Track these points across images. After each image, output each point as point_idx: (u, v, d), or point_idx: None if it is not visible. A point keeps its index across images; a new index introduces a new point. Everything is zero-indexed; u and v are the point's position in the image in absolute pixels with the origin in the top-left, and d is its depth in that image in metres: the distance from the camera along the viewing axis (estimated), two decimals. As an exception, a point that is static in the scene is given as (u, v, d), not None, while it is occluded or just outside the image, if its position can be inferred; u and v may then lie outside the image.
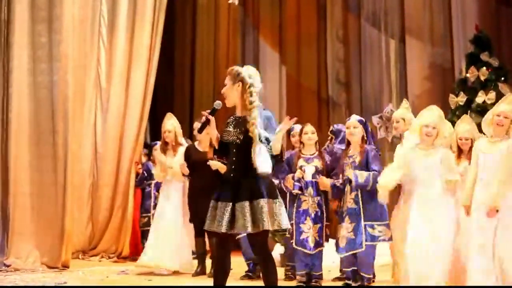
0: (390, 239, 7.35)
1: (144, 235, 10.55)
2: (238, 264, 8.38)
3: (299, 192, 7.68)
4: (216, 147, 5.34)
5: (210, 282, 8.12)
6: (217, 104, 5.25)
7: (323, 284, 7.89)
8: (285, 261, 8.89)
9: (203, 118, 5.22)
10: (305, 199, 7.71)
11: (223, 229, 5.03)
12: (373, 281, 7.79)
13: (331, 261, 9.09)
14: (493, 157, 6.55)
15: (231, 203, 5.07)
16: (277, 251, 9.99)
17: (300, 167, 7.75)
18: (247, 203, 5.02)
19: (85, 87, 10.45)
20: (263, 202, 5.01)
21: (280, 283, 8.19)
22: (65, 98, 9.16)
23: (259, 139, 5.07)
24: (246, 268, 8.56)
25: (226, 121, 5.32)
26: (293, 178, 7.70)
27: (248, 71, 5.26)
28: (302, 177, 7.71)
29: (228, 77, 5.26)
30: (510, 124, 6.62)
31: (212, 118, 5.19)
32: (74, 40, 9.70)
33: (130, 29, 10.68)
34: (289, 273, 8.38)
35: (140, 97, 10.54)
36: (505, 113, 6.60)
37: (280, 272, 8.80)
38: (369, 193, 7.34)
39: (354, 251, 7.40)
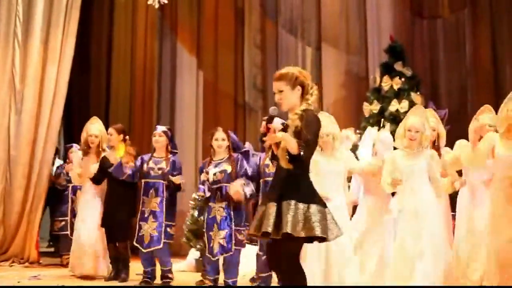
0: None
1: (59, 239, 10.39)
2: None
3: (204, 194, 7.72)
4: None
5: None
6: (273, 110, 5.00)
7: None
8: (200, 266, 8.92)
9: (262, 129, 5.13)
10: (214, 206, 7.65)
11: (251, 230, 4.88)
12: None
13: (248, 267, 9.14)
14: (414, 167, 6.76)
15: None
16: (192, 256, 10.01)
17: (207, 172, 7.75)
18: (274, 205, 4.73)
19: (-1, 89, 10.27)
20: (291, 205, 4.66)
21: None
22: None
23: None
24: None
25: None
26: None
27: (303, 74, 5.02)
28: (207, 180, 7.67)
29: (282, 82, 4.96)
30: (422, 135, 6.82)
31: (272, 126, 4.89)
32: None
33: (45, 29, 10.51)
34: (204, 278, 8.41)
35: (52, 97, 10.41)
36: (415, 127, 6.81)
37: (196, 276, 8.87)
38: None
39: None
